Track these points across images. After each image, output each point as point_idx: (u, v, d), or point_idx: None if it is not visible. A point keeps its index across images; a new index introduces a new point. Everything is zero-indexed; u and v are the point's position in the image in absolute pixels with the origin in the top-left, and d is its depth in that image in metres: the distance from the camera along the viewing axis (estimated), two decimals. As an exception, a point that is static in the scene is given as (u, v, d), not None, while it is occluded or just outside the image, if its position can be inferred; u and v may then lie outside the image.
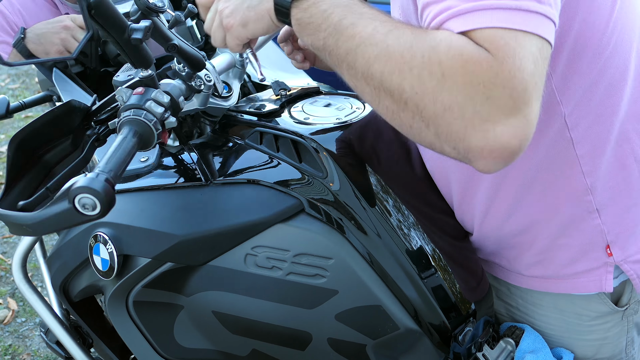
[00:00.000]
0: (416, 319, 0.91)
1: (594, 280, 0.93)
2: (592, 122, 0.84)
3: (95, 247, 1.02)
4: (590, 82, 0.81)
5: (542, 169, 0.88)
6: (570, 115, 0.83)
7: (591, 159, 0.86)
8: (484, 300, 1.00)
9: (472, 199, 0.97)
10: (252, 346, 0.97)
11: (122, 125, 0.80)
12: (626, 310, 0.99)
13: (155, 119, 0.82)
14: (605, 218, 0.90)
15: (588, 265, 0.93)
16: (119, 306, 1.04)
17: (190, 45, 0.97)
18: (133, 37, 0.83)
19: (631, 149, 0.88)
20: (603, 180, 0.88)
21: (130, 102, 0.82)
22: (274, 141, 1.00)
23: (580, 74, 0.81)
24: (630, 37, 0.84)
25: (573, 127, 0.84)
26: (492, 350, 0.99)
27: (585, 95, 0.82)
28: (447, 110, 0.59)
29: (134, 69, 1.06)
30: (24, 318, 2.47)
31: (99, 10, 0.80)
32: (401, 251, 0.91)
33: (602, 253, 0.91)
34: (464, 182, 0.96)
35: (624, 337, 1.02)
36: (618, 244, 0.91)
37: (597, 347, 1.01)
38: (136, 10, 0.90)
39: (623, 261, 0.92)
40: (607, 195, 0.89)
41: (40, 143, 0.85)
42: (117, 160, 0.73)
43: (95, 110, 0.92)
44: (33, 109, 4.26)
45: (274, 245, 0.93)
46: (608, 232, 0.90)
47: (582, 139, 0.85)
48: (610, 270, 0.92)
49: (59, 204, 0.70)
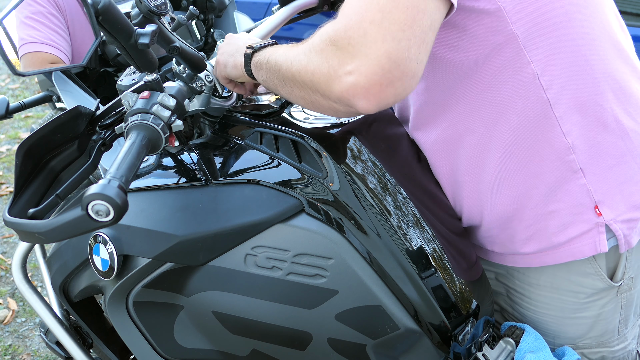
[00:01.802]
0: (416, 318, 0.91)
1: (588, 244, 0.96)
2: (566, 82, 0.89)
3: (95, 247, 1.02)
4: (556, 40, 0.87)
5: (522, 132, 0.92)
6: (543, 74, 0.88)
7: (570, 118, 0.90)
8: (482, 294, 1.00)
9: (459, 180, 1.01)
10: (252, 346, 0.97)
11: (130, 130, 0.80)
12: (620, 286, 1.01)
13: (163, 123, 0.82)
14: (590, 177, 0.93)
15: (580, 229, 0.95)
16: (118, 306, 1.04)
17: (191, 47, 0.97)
18: (140, 42, 0.83)
19: (610, 109, 0.92)
20: (584, 139, 0.91)
21: (137, 107, 0.82)
22: (273, 141, 1.00)
23: (546, 34, 0.86)
24: (602, 7, 0.89)
25: (548, 88, 0.89)
26: (492, 350, 0.99)
27: (553, 54, 0.88)
28: (315, 74, 0.78)
29: (138, 73, 1.07)
30: (24, 318, 2.47)
31: (107, 17, 0.80)
32: (401, 251, 0.91)
33: (592, 214, 0.94)
34: (450, 163, 1.00)
35: (618, 314, 1.04)
36: (606, 203, 0.94)
37: (590, 324, 1.04)
38: (138, 14, 0.90)
39: (613, 220, 0.95)
40: (589, 154, 0.92)
41: (48, 150, 0.85)
42: (127, 166, 0.73)
43: (100, 115, 0.91)
44: (33, 109, 4.26)
45: (274, 245, 0.92)
46: (595, 191, 0.94)
47: (559, 99, 0.90)
48: (602, 231, 0.95)
49: (72, 211, 0.70)
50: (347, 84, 0.73)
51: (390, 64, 0.71)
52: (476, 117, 0.93)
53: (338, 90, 0.75)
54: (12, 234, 2.99)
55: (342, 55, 0.74)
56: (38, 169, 0.85)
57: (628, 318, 1.07)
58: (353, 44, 0.73)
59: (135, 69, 1.04)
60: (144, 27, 0.89)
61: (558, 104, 0.90)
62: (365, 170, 0.95)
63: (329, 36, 0.76)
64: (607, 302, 1.02)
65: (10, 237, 2.97)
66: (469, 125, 0.94)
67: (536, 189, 0.95)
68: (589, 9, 0.91)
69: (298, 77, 0.82)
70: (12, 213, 0.78)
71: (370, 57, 0.71)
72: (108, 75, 1.41)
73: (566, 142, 0.91)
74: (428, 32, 0.73)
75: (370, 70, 0.72)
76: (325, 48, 0.76)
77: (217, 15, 1.48)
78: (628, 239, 0.97)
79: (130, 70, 1.13)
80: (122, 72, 1.43)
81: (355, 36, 0.72)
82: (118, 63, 1.36)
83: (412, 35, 0.72)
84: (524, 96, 0.90)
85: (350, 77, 0.73)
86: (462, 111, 0.94)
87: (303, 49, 0.81)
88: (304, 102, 0.85)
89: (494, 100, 0.91)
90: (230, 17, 1.57)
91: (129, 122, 0.81)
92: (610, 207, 0.94)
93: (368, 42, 0.72)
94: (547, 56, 0.88)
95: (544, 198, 0.95)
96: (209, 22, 1.41)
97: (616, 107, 0.92)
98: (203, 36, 1.41)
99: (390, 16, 0.71)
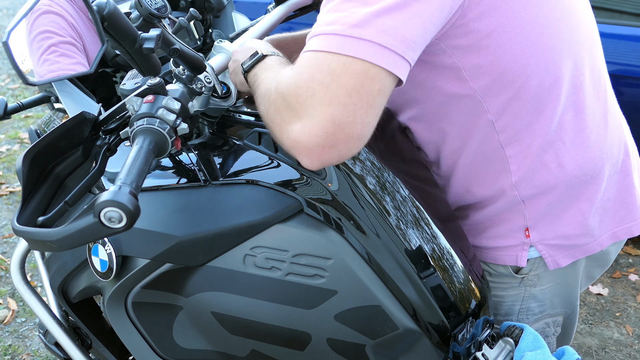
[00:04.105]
0: (415, 318, 0.91)
1: (510, 255, 1.07)
2: (518, 130, 0.96)
3: (94, 248, 1.02)
4: (512, 97, 0.93)
5: (479, 161, 1.01)
6: (498, 121, 0.96)
7: (517, 160, 0.99)
8: (481, 294, 1.00)
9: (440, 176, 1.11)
10: (251, 347, 0.97)
11: (136, 134, 0.80)
12: (524, 279, 1.10)
13: (169, 127, 0.82)
14: (529, 207, 1.03)
15: (508, 242, 1.07)
16: (117, 307, 1.04)
17: (191, 48, 0.97)
18: (145, 46, 0.83)
19: (555, 154, 0.99)
20: (527, 180, 1.01)
21: (142, 111, 0.82)
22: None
23: (503, 89, 0.92)
24: (560, 57, 0.94)
25: (501, 132, 0.97)
26: (492, 349, 0.99)
27: (510, 107, 0.94)
28: (272, 121, 0.82)
29: (139, 76, 1.06)
30: (24, 318, 2.47)
31: (112, 23, 0.80)
32: (400, 251, 0.91)
33: (522, 234, 1.05)
34: (435, 148, 1.08)
35: (519, 303, 1.13)
36: (536, 228, 1.05)
37: (496, 303, 1.15)
38: (138, 17, 0.90)
39: (538, 242, 1.05)
40: (530, 191, 1.02)
41: (53, 156, 0.85)
42: (137, 171, 0.73)
43: (103, 120, 0.91)
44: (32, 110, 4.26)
45: (273, 245, 0.92)
46: (529, 218, 1.04)
47: (510, 142, 0.98)
48: (526, 249, 1.06)
49: (84, 218, 0.70)
50: (292, 140, 0.77)
51: (334, 127, 0.73)
52: (449, 135, 1.01)
53: (286, 143, 0.79)
54: (12, 234, 2.99)
55: (291, 112, 0.77)
56: (44, 176, 0.85)
57: (530, 311, 1.14)
58: (301, 102, 0.75)
59: (137, 72, 1.04)
60: (144, 30, 0.89)
61: (510, 146, 0.98)
62: (364, 170, 0.95)
63: (282, 91, 0.79)
64: (508, 287, 1.12)
65: (10, 237, 2.97)
66: (446, 137, 1.02)
67: (486, 208, 1.06)
68: (557, 56, 0.94)
69: (264, 117, 0.86)
70: (21, 221, 0.78)
71: (315, 119, 0.74)
72: (106, 75, 1.41)
73: (510, 180, 1.01)
74: (377, 96, 0.75)
75: (314, 132, 0.74)
76: (278, 100, 0.80)
77: (215, 16, 1.48)
78: (555, 259, 1.07)
79: (132, 73, 1.12)
80: (120, 72, 1.43)
81: (304, 95, 0.75)
82: (116, 64, 1.36)
83: (359, 100, 0.74)
84: (481, 136, 0.98)
85: (295, 134, 0.76)
86: (440, 126, 1.02)
87: (272, 87, 0.84)
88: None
89: (457, 132, 0.99)
90: (229, 17, 1.57)
91: (135, 127, 0.80)
92: (538, 232, 1.05)
93: (315, 103, 0.74)
94: (503, 107, 0.94)
95: (490, 213, 1.06)
96: (207, 22, 1.40)
97: (563, 154, 0.99)
98: (201, 36, 1.40)
99: (339, 80, 0.73)
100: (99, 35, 0.88)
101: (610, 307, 2.50)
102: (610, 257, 1.18)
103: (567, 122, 0.98)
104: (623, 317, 2.44)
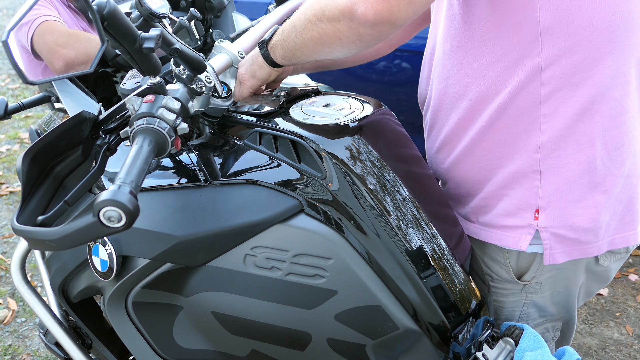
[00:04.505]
0: (415, 318, 0.91)
1: (514, 237, 1.03)
2: (562, 86, 0.91)
3: (94, 248, 1.02)
4: (570, 47, 0.89)
5: (507, 114, 0.96)
6: (545, 70, 0.91)
7: (551, 121, 0.94)
8: (481, 293, 1.00)
9: (438, 133, 1.08)
10: (251, 347, 0.97)
11: (136, 134, 0.80)
12: (526, 286, 1.08)
13: (169, 126, 0.82)
14: (545, 183, 0.98)
15: (515, 222, 1.02)
16: (118, 307, 1.04)
17: (191, 48, 0.97)
18: (145, 46, 0.83)
19: (591, 130, 0.94)
20: (554, 146, 0.94)
21: (142, 111, 0.82)
22: (273, 141, 1.00)
23: (567, 35, 0.88)
24: (634, 33, 0.90)
25: (545, 84, 0.92)
26: (492, 349, 0.99)
27: (563, 56, 0.90)
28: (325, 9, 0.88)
29: (139, 76, 1.06)
30: (24, 318, 2.47)
31: (112, 22, 0.80)
32: (400, 251, 0.91)
33: (530, 214, 1.01)
34: (434, 112, 1.06)
35: (519, 309, 1.11)
36: (547, 211, 1.00)
37: (496, 307, 1.11)
38: (138, 16, 0.90)
39: (544, 228, 1.00)
40: (552, 162, 0.97)
41: (53, 156, 0.85)
42: (137, 171, 0.73)
43: (103, 120, 0.91)
44: (33, 109, 4.26)
45: (273, 245, 0.92)
46: (542, 196, 0.99)
47: (549, 100, 0.92)
48: (531, 233, 1.01)
49: (83, 217, 0.70)
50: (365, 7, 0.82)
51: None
52: (477, 81, 0.97)
53: (360, 12, 0.83)
54: (12, 234, 2.99)
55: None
56: (43, 176, 0.85)
57: (529, 316, 1.12)
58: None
59: (137, 72, 1.04)
60: (144, 30, 0.89)
61: (546, 104, 0.93)
62: (364, 170, 0.95)
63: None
64: (510, 294, 1.10)
65: (10, 237, 2.97)
66: (470, 87, 0.99)
67: (502, 169, 1.01)
68: (623, 26, 0.91)
69: (311, 15, 0.91)
70: (20, 221, 0.78)
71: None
72: (106, 75, 1.41)
73: (537, 140, 0.96)
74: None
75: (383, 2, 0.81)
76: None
77: (215, 16, 1.48)
78: (553, 252, 1.02)
79: (132, 73, 1.13)
80: (120, 72, 1.43)
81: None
82: (116, 63, 1.36)
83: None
84: (522, 82, 0.93)
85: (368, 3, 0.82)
86: (470, 72, 0.99)
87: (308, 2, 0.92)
88: (320, 38, 0.93)
89: (493, 75, 0.95)
90: (229, 17, 1.57)
91: (135, 127, 0.81)
92: (548, 216, 1.00)
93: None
94: (557, 56, 0.90)
95: (503, 180, 1.01)
96: (207, 22, 1.41)
97: (596, 132, 0.95)
98: (202, 36, 1.40)
99: None
100: (99, 35, 0.89)
101: (610, 307, 2.50)
102: (611, 275, 1.15)
103: (612, 100, 0.94)
104: (623, 317, 2.44)
